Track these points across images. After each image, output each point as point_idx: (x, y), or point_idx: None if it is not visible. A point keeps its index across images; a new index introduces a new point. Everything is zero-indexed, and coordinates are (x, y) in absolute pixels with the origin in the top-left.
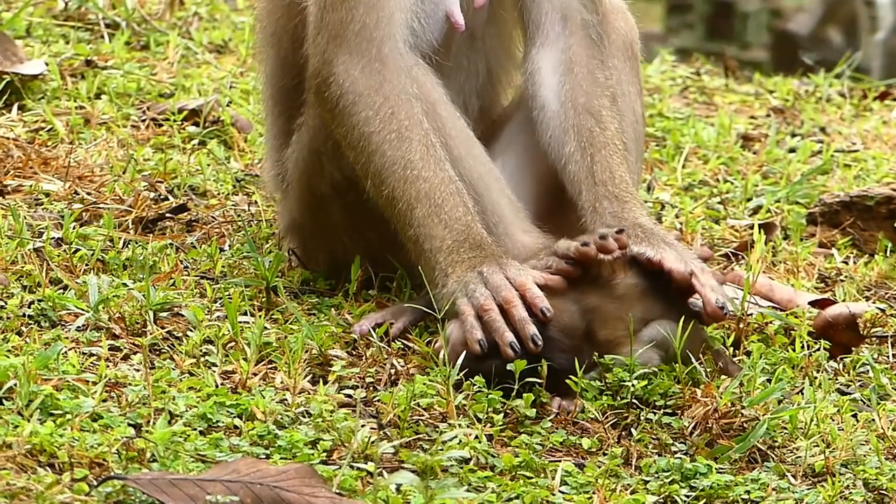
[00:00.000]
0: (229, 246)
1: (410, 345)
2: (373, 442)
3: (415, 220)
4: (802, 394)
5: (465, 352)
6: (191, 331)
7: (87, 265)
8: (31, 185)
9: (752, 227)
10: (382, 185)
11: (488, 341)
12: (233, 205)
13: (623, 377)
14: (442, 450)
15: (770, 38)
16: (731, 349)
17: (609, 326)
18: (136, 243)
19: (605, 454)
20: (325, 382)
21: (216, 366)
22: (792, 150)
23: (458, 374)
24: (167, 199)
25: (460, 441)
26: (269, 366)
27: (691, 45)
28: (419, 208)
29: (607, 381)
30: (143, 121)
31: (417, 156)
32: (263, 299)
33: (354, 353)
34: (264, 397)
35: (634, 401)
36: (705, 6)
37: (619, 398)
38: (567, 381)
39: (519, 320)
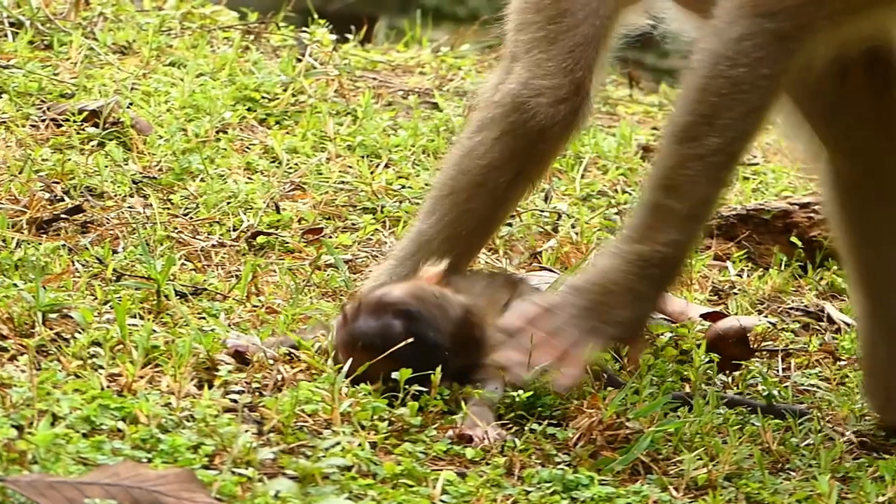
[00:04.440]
0: (123, 248)
1: (296, 353)
2: (254, 448)
3: None
4: (690, 406)
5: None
6: (79, 333)
7: None
8: None
9: None
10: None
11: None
12: (129, 207)
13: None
14: (323, 456)
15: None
16: (623, 361)
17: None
18: (29, 244)
19: (487, 464)
20: (211, 387)
21: (103, 368)
22: None
23: None
24: (63, 199)
25: (343, 448)
26: (156, 369)
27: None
28: None
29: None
30: (43, 121)
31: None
32: (154, 302)
33: (242, 358)
34: (148, 401)
35: (520, 411)
36: None
37: (508, 411)
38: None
39: None
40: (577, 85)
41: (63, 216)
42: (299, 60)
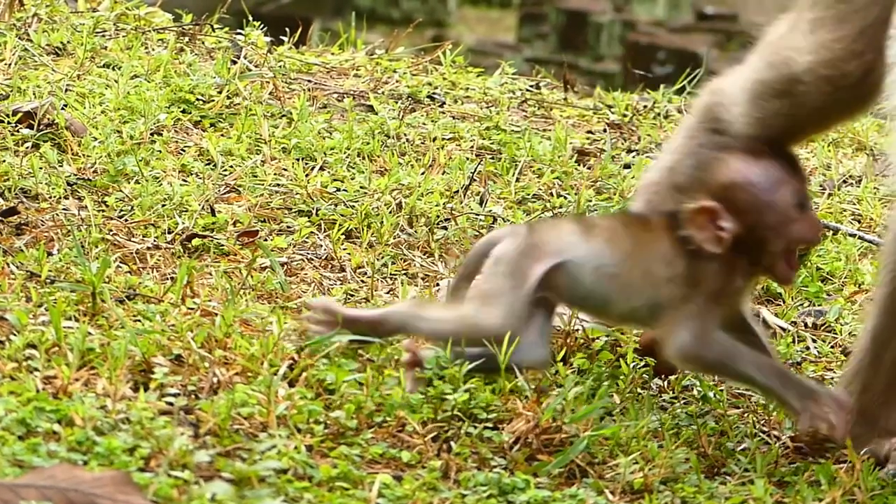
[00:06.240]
0: (58, 250)
1: (232, 356)
2: (190, 450)
3: None
4: (624, 410)
5: None
6: (14, 335)
7: None
8: None
9: None
10: None
11: None
12: (63, 209)
13: (445, 390)
14: (259, 459)
15: (622, 49)
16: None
17: None
18: None
19: (423, 467)
20: (147, 389)
21: (38, 370)
22: (627, 166)
23: None
24: None
25: (279, 451)
26: (92, 372)
27: (544, 55)
28: None
29: (429, 393)
30: None
31: None
32: (89, 304)
33: (177, 360)
34: (84, 403)
35: (457, 413)
36: (558, 17)
37: (441, 412)
38: None
39: None
40: (867, 70)
41: None
42: (234, 62)
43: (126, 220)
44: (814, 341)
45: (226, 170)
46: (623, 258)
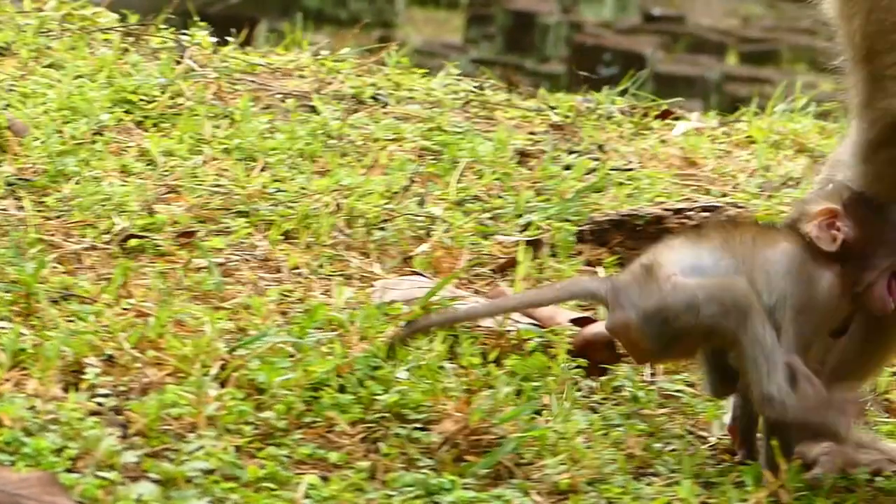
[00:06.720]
0: None
1: (164, 357)
2: (118, 451)
3: None
4: (554, 412)
5: None
6: None
7: None
8: None
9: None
10: None
11: None
12: (2, 209)
13: (375, 391)
14: (187, 460)
15: (569, 50)
16: (493, 365)
17: None
18: None
19: (351, 468)
20: (77, 390)
21: None
22: (567, 168)
23: None
24: None
25: (207, 452)
26: (23, 372)
27: (490, 56)
28: None
29: (360, 395)
30: None
31: None
32: (24, 305)
33: (110, 361)
34: (14, 404)
35: (388, 414)
36: (505, 18)
37: (370, 412)
38: None
39: None
40: None
41: None
42: (179, 63)
43: (64, 221)
44: None
45: (166, 170)
46: (739, 258)
